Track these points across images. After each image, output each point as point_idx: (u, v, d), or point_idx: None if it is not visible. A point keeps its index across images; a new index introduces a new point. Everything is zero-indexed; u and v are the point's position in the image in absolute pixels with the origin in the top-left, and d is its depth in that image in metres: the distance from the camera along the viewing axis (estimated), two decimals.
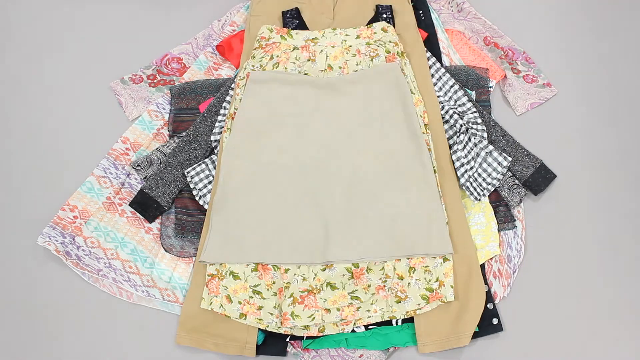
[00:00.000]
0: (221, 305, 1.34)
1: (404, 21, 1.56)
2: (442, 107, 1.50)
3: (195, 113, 1.54)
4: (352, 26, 1.54)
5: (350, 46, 1.47)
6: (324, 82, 1.43)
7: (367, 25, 1.51)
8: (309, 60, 1.46)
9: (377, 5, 1.55)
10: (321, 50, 1.47)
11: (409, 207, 1.37)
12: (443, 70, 1.53)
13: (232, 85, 1.52)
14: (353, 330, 1.37)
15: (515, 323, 1.40)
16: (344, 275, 1.34)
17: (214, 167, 1.46)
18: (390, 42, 1.47)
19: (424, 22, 1.61)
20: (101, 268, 1.42)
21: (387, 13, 1.54)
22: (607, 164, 1.53)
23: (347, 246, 1.34)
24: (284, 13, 1.55)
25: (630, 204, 1.49)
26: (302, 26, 1.54)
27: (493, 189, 1.44)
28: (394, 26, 1.54)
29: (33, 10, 1.71)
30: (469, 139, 1.46)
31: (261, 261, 1.34)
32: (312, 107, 1.44)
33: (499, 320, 1.38)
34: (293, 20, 1.54)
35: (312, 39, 1.47)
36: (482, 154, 1.45)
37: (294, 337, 1.37)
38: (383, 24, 1.49)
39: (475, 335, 1.36)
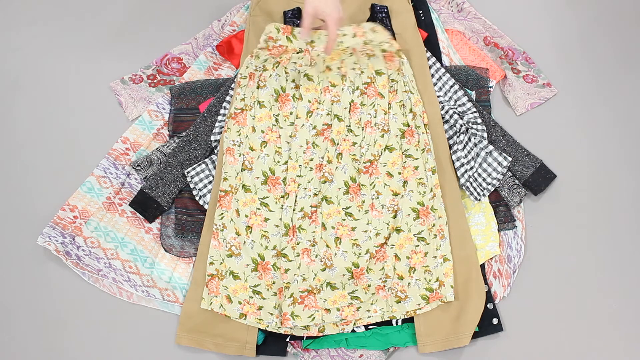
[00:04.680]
0: (221, 305, 1.34)
1: (404, 21, 1.56)
2: (442, 107, 1.50)
3: (195, 113, 1.54)
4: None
5: (347, 47, 1.47)
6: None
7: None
8: (310, 64, 1.46)
9: (372, 5, 1.55)
10: (318, 54, 1.47)
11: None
12: (443, 70, 1.53)
13: (232, 85, 1.52)
14: (353, 330, 1.37)
15: (515, 323, 1.40)
16: (344, 275, 1.34)
17: (214, 167, 1.46)
18: (382, 42, 1.47)
19: (424, 22, 1.61)
20: (101, 268, 1.42)
21: (383, 13, 1.54)
22: (607, 164, 1.53)
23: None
24: (285, 13, 1.55)
25: (630, 204, 1.49)
26: None
27: (493, 189, 1.44)
28: (390, 26, 1.54)
29: (33, 10, 1.71)
30: (469, 139, 1.46)
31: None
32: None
33: (499, 320, 1.38)
34: (294, 19, 1.54)
35: (310, 42, 1.47)
36: (482, 154, 1.45)
37: (294, 337, 1.37)
38: (371, 24, 1.48)
39: (475, 335, 1.36)
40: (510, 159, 1.44)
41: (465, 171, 1.44)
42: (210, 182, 1.45)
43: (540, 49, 1.63)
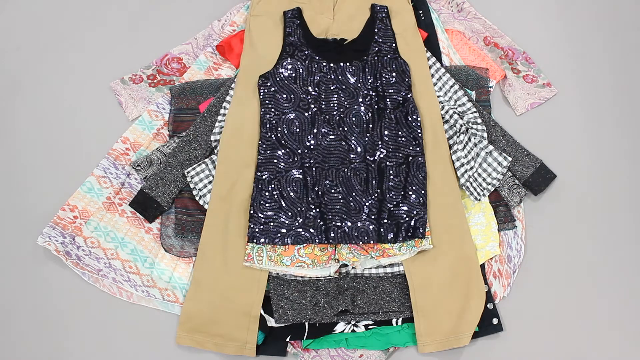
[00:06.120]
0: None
1: (404, 21, 1.56)
2: (442, 107, 1.50)
3: (195, 113, 1.54)
4: (352, 26, 1.54)
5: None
6: None
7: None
8: None
9: (372, 5, 1.55)
10: None
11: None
12: (443, 70, 1.53)
13: (232, 85, 1.52)
14: (353, 330, 1.37)
15: (515, 323, 1.40)
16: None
17: (214, 167, 1.46)
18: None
19: (424, 22, 1.61)
20: (101, 268, 1.42)
21: (383, 13, 1.54)
22: (607, 164, 1.53)
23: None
24: (285, 13, 1.55)
25: (630, 204, 1.49)
26: (303, 26, 1.54)
27: (493, 189, 1.44)
28: (390, 26, 1.54)
29: (33, 11, 1.71)
30: (469, 139, 1.46)
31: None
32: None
33: (499, 320, 1.38)
34: (294, 19, 1.54)
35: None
36: (482, 154, 1.45)
37: (293, 337, 1.37)
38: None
39: (475, 335, 1.36)
40: (510, 159, 1.44)
41: (465, 171, 1.45)
42: (210, 182, 1.45)
43: (540, 49, 1.63)
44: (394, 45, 1.53)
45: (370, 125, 1.46)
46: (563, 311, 1.41)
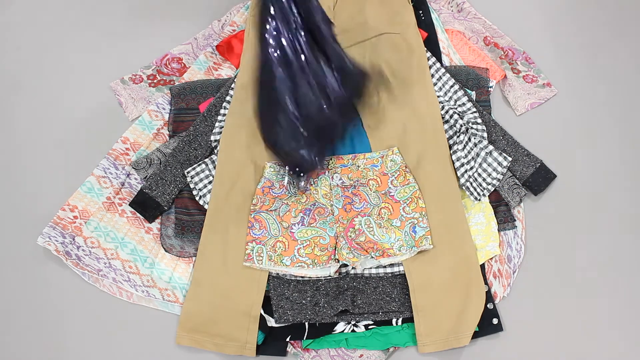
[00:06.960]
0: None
1: (404, 21, 1.56)
2: (442, 107, 1.50)
3: (195, 113, 1.54)
4: (352, 26, 1.54)
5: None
6: None
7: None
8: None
9: None
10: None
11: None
12: (443, 70, 1.53)
13: (232, 85, 1.52)
14: (353, 330, 1.37)
15: (515, 323, 1.40)
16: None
17: (214, 167, 1.46)
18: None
19: (424, 22, 1.61)
20: (101, 268, 1.42)
21: None
22: (607, 164, 1.53)
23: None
24: None
25: (630, 204, 1.49)
26: None
27: (493, 189, 1.44)
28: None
29: (33, 10, 1.71)
30: (469, 139, 1.46)
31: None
32: None
33: (499, 320, 1.38)
34: None
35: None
36: (482, 154, 1.45)
37: (293, 337, 1.37)
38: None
39: (475, 335, 1.36)
40: (510, 159, 1.44)
41: (465, 171, 1.45)
42: (210, 182, 1.45)
43: (540, 49, 1.63)
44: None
45: None
46: (563, 311, 1.41)
